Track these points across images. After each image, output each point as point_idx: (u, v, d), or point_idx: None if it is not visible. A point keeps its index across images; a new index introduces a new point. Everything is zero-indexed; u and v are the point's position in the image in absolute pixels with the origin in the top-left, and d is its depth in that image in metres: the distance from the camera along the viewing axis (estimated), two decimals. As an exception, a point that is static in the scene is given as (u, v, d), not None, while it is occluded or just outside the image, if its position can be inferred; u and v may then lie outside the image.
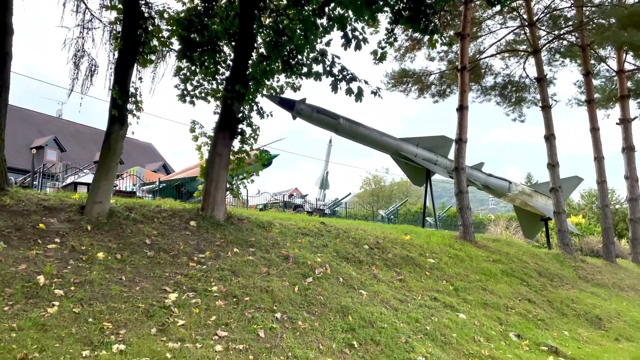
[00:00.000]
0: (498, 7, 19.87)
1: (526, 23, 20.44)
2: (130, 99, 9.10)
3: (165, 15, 10.26)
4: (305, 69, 10.80)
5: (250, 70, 10.55)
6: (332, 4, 10.03)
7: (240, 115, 10.43)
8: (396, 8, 10.34)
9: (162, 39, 10.45)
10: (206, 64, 10.81)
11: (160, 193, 28.04)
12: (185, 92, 10.99)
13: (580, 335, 10.32)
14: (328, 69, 10.46)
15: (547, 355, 8.50)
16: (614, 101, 24.25)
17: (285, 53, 10.60)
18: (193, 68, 10.84)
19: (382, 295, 8.44)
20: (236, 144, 10.70)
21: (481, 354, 7.48)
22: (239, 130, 10.50)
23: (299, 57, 10.73)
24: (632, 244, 21.12)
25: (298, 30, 10.18)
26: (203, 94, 11.24)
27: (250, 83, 10.51)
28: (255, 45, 11.03)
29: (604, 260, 19.04)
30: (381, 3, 9.67)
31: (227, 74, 10.79)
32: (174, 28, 10.11)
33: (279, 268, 8.17)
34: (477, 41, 22.97)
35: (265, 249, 8.94)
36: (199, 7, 10.42)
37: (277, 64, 10.70)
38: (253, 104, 11.15)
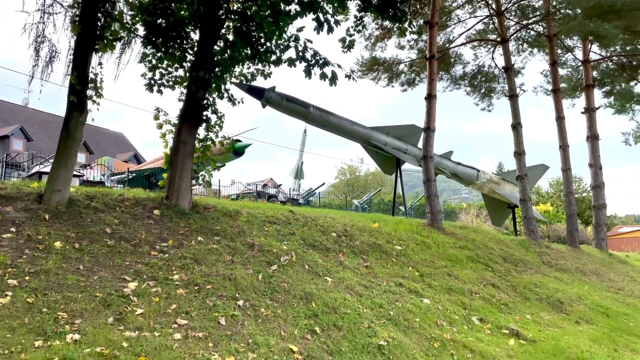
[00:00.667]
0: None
1: (494, 12, 20.65)
2: (89, 85, 8.88)
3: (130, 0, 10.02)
4: (274, 57, 10.69)
5: (217, 56, 10.41)
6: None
7: (205, 102, 10.29)
8: (366, -5, 10.33)
9: (127, 25, 10.21)
10: (171, 50, 10.61)
11: (130, 183, 27.64)
12: (152, 82, 10.80)
13: (542, 319, 10.58)
14: (301, 54, 10.34)
15: (508, 338, 8.69)
16: (580, 90, 24.79)
17: (254, 40, 10.48)
18: (159, 54, 10.63)
19: (347, 281, 8.49)
20: (201, 132, 10.58)
21: (443, 338, 7.60)
22: (204, 117, 10.36)
23: (268, 44, 10.62)
24: (595, 230, 21.73)
25: (267, 17, 10.05)
26: (171, 83, 11.05)
27: (216, 69, 10.37)
28: (224, 31, 10.87)
29: (568, 246, 19.53)
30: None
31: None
32: (136, 12, 9.88)
33: (243, 256, 8.13)
34: (447, 30, 23.14)
35: (231, 237, 8.88)
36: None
37: (244, 51, 10.57)
38: (222, 91, 11.03)
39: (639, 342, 10.43)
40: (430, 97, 15.97)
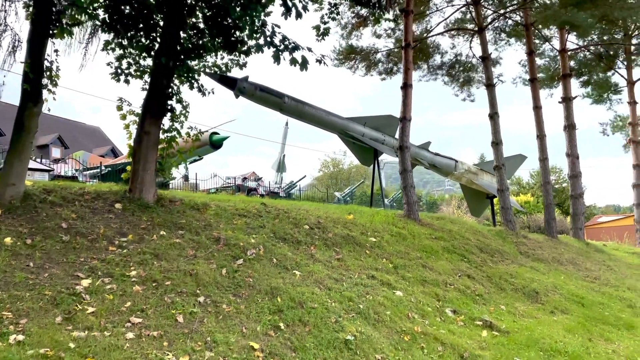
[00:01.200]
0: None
1: (471, 1, 20.53)
2: (45, 74, 8.49)
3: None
4: (245, 47, 10.39)
5: (184, 44, 10.07)
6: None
7: (169, 91, 9.95)
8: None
9: (87, 10, 9.79)
10: (135, 38, 10.23)
11: (104, 178, 27.15)
12: (119, 71, 10.44)
13: (516, 309, 10.52)
14: (269, 39, 9.98)
15: (481, 329, 8.58)
16: (557, 80, 24.88)
17: (224, 29, 10.14)
18: (121, 42, 10.25)
19: (316, 275, 8.28)
20: (167, 122, 10.26)
21: (413, 331, 7.45)
22: (168, 107, 10.02)
23: (239, 33, 10.29)
24: (573, 220, 21.86)
25: (237, 6, 9.70)
26: (139, 73, 10.70)
27: (181, 57, 10.04)
28: (195, 20, 10.54)
29: (545, 236, 19.61)
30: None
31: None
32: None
33: (207, 250, 7.87)
34: (425, 19, 22.97)
35: (196, 231, 8.61)
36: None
37: (216, 40, 10.25)
38: (192, 80, 10.73)
39: (613, 331, 10.44)
40: (406, 87, 15.78)
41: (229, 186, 39.14)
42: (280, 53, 9.83)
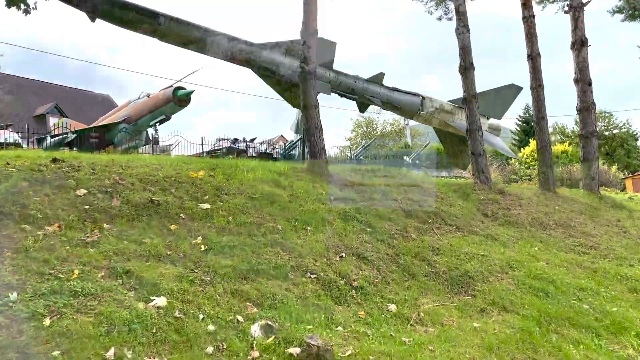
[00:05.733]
0: None
1: None
2: None
3: None
4: None
5: None
6: None
7: None
8: None
9: None
10: None
11: (76, 144, 24.94)
12: None
13: (417, 309, 6.80)
14: None
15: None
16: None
17: None
18: None
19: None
20: None
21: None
22: None
23: None
24: (583, 167, 17.38)
25: None
26: None
27: None
28: None
29: (539, 189, 15.41)
30: None
31: None
32: None
33: None
34: None
35: None
36: None
37: None
38: None
39: (583, 341, 6.71)
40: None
41: (219, 149, 36.55)
42: None
